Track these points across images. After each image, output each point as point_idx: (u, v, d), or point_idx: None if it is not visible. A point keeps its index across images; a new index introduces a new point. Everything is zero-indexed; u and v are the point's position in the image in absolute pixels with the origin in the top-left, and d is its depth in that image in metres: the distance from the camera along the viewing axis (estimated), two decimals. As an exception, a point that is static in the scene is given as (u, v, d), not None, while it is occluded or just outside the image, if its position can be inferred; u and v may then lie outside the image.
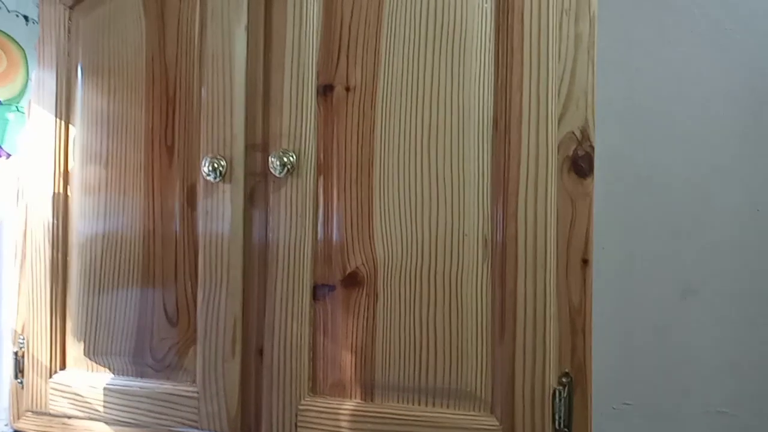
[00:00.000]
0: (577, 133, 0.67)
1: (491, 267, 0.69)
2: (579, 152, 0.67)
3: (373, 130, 0.73)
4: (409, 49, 0.72)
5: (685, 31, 0.89)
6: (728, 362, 0.86)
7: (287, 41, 0.76)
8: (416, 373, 0.71)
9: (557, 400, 0.66)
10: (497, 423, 0.68)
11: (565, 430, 0.66)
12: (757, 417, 0.85)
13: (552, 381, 0.66)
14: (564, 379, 0.67)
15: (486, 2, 0.70)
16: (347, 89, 0.75)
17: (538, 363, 0.66)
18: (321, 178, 0.75)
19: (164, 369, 0.82)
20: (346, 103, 0.75)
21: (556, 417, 0.66)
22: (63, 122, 0.88)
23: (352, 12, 0.74)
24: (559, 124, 0.67)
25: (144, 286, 0.83)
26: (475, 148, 0.70)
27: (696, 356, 0.87)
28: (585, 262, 0.67)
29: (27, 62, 0.86)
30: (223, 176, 0.77)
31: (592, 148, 0.67)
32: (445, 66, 0.71)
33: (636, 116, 0.89)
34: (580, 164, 0.67)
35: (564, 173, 0.67)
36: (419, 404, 0.71)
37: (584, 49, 0.67)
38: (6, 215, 0.89)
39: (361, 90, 0.74)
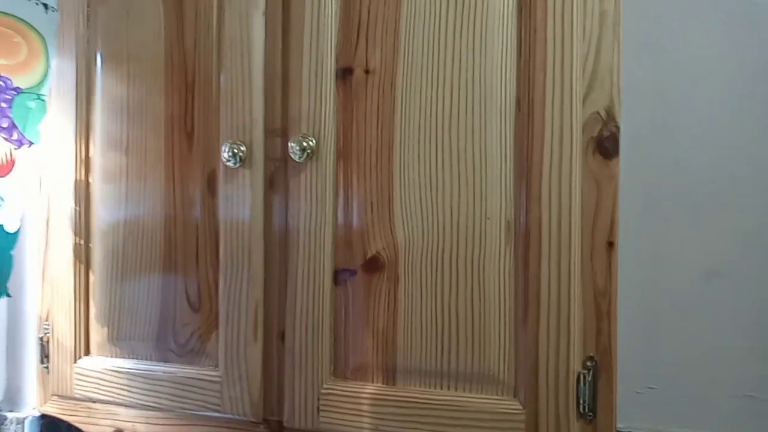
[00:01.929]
0: (602, 113, 0.66)
1: (514, 250, 0.69)
2: (604, 133, 0.66)
3: (393, 113, 0.73)
4: (429, 29, 0.71)
5: (711, 8, 0.86)
6: (755, 346, 0.85)
7: (305, 25, 0.76)
8: (438, 356, 0.71)
9: (582, 384, 0.66)
10: (521, 407, 0.68)
11: (590, 414, 0.66)
12: (784, 402, 0.84)
13: (576, 365, 0.66)
14: (589, 363, 0.66)
15: (508, -19, 0.69)
16: (367, 72, 0.74)
17: (562, 347, 0.66)
18: (341, 163, 0.75)
19: (187, 354, 0.82)
20: (366, 85, 0.74)
21: (581, 401, 0.66)
22: (83, 110, 0.88)
23: (371, -7, 0.73)
24: (583, 103, 0.66)
25: (166, 272, 0.83)
26: (497, 130, 0.69)
27: (721, 340, 0.85)
28: (610, 244, 0.66)
29: (47, 50, 0.86)
30: (243, 162, 0.77)
31: (618, 128, 0.66)
32: (467, 46, 0.70)
33: (661, 96, 0.88)
34: (605, 145, 0.66)
35: (589, 154, 0.66)
36: (441, 388, 0.71)
37: (609, 27, 0.66)
38: (29, 203, 0.90)
39: (380, 72, 0.73)
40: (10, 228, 0.84)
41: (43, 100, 0.87)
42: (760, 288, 0.84)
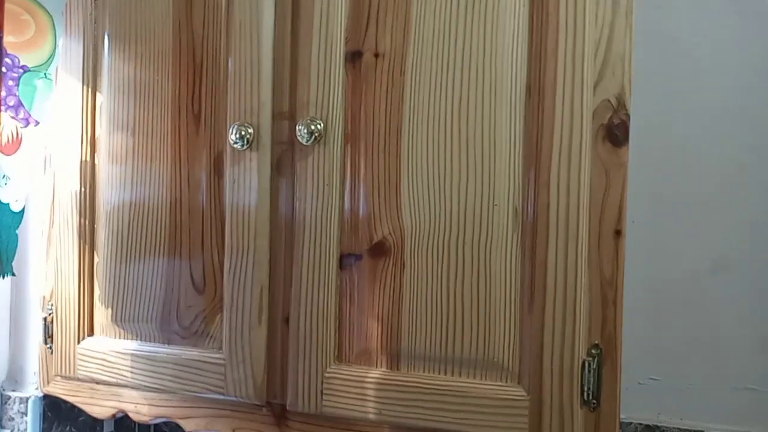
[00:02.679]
0: (613, 101, 0.65)
1: (521, 237, 0.68)
2: (614, 120, 0.66)
3: (402, 98, 0.72)
4: (439, 14, 0.71)
5: (723, -1, 0.86)
6: (758, 338, 0.85)
7: (315, 7, 0.75)
8: (443, 342, 0.71)
9: (586, 371, 0.66)
10: (525, 393, 0.68)
11: (594, 401, 0.66)
12: (787, 395, 0.84)
13: (581, 352, 0.66)
14: (594, 351, 0.66)
15: (521, -34, 0.68)
16: (376, 56, 0.73)
17: (568, 334, 0.66)
18: (348, 147, 0.75)
19: (191, 336, 0.83)
20: (375, 70, 0.73)
21: (585, 388, 0.66)
22: (90, 90, 0.88)
23: (382, -23, 0.73)
24: (594, 91, 0.66)
25: (171, 254, 0.83)
26: (507, 116, 0.69)
27: (725, 332, 0.86)
28: (618, 233, 0.65)
29: (55, 28, 0.86)
30: (250, 144, 0.77)
31: (628, 116, 0.65)
32: (477, 31, 0.69)
33: (670, 86, 0.87)
34: (615, 133, 0.66)
35: (598, 142, 0.66)
36: (445, 374, 0.71)
37: (622, 14, 0.65)
38: (34, 182, 0.90)
39: (390, 56, 0.73)
40: (15, 207, 0.84)
41: (50, 79, 0.87)
42: (766, 280, 0.84)
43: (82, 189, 0.88)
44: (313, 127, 0.74)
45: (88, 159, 0.88)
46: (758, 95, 0.85)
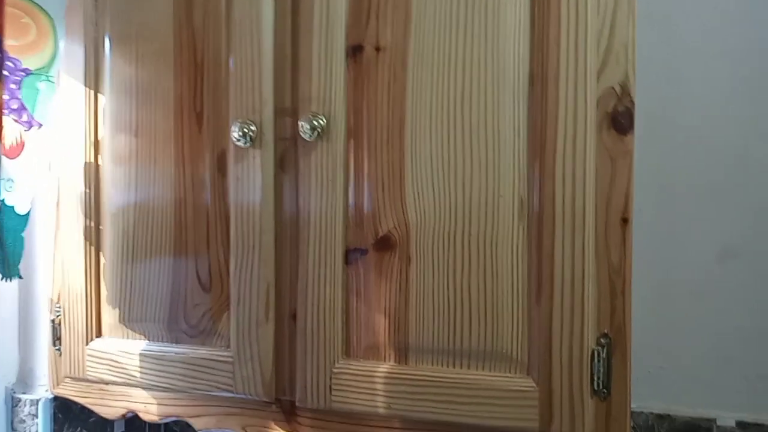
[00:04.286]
0: (617, 89, 0.65)
1: (527, 228, 0.68)
2: (619, 108, 0.65)
3: (404, 91, 0.72)
4: (440, 5, 0.70)
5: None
6: (768, 326, 0.84)
7: (315, 2, 0.75)
8: (450, 335, 0.71)
9: (596, 361, 0.65)
10: (534, 384, 0.67)
11: (604, 391, 0.65)
12: (798, 382, 0.84)
13: (590, 342, 0.65)
14: (603, 341, 0.66)
15: (521, -45, 0.68)
16: (377, 49, 0.73)
17: (576, 324, 0.65)
18: (351, 141, 0.74)
19: (199, 334, 0.83)
20: (377, 63, 0.73)
21: (595, 378, 0.65)
22: (92, 91, 0.88)
23: (381, -30, 0.73)
24: (598, 79, 0.65)
25: (176, 254, 0.83)
26: (510, 107, 0.68)
27: (735, 320, 0.85)
28: (625, 221, 0.65)
29: (56, 31, 0.86)
30: (253, 141, 0.77)
31: (633, 103, 0.65)
32: (479, 22, 0.69)
33: (675, 73, 0.87)
34: (619, 121, 0.65)
35: (603, 130, 0.65)
36: (454, 366, 0.71)
37: (624, 2, 0.65)
38: (39, 185, 0.90)
39: (391, 50, 0.72)
40: (20, 210, 0.85)
41: (52, 82, 0.87)
42: (775, 267, 0.84)
43: (87, 191, 0.88)
44: (315, 123, 0.74)
45: (92, 160, 0.88)
46: (762, 81, 0.85)
